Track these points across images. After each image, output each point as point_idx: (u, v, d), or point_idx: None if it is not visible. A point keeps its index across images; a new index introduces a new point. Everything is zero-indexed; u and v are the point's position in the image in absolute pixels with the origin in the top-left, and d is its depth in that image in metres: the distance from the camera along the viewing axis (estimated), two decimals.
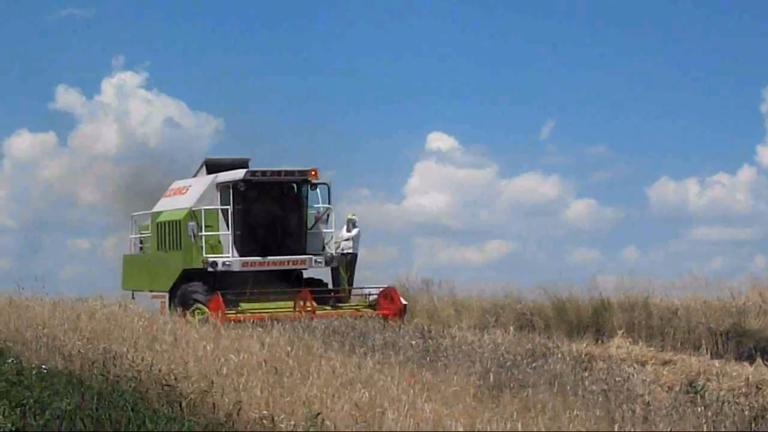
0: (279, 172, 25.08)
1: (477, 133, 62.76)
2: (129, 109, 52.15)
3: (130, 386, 13.78)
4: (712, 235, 54.11)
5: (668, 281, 27.78)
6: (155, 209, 27.17)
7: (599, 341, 24.91)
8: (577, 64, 57.34)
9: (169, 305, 24.52)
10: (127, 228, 29.52)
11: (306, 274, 26.30)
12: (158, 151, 43.54)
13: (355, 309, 24.33)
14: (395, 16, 59.05)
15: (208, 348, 14.65)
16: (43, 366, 16.84)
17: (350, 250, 26.04)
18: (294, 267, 25.48)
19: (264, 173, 24.84)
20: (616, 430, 10.71)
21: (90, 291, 28.63)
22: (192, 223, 24.51)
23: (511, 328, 22.67)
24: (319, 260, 25.22)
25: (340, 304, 24.93)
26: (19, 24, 58.64)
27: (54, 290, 26.38)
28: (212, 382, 12.74)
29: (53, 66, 59.23)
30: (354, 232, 26.18)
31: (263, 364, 13.15)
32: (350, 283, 25.99)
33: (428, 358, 15.08)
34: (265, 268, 24.84)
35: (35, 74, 58.80)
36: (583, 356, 16.96)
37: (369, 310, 24.15)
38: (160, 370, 13.95)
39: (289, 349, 14.51)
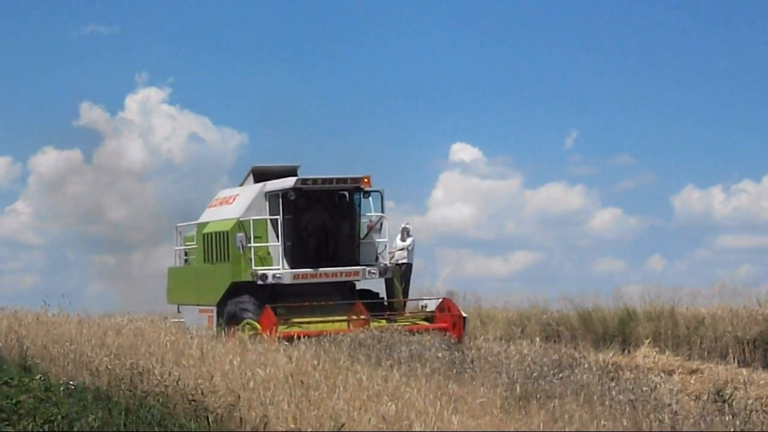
0: (330, 180, 23.79)
1: (501, 143, 63.03)
2: (153, 125, 52.33)
3: (157, 401, 13.82)
4: (738, 243, 53.98)
5: (694, 290, 27.74)
6: (201, 220, 26.11)
7: (626, 351, 24.87)
8: (601, 74, 57.37)
9: (217, 320, 23.72)
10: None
11: (359, 286, 25.21)
12: (183, 166, 43.62)
13: (413, 322, 23.26)
14: (418, 26, 59.24)
15: (234, 362, 14.65)
16: (71, 382, 16.91)
17: (405, 260, 25.31)
18: (347, 279, 24.36)
19: (315, 181, 23.58)
20: None
21: (115, 307, 28.78)
22: (240, 234, 23.47)
23: (537, 338, 22.72)
24: (373, 271, 23.99)
25: (396, 317, 23.77)
26: (43, 42, 59.18)
27: (80, 307, 26.53)
28: (239, 397, 12.78)
29: (77, 83, 59.76)
30: (408, 241, 25.55)
31: (290, 377, 13.15)
32: (405, 294, 25.14)
33: (455, 370, 15.04)
34: (317, 280, 23.77)
35: (59, 91, 59.35)
36: (609, 366, 16.93)
37: (426, 323, 23.26)
38: (186, 385, 13.98)
39: (316, 362, 14.49)
